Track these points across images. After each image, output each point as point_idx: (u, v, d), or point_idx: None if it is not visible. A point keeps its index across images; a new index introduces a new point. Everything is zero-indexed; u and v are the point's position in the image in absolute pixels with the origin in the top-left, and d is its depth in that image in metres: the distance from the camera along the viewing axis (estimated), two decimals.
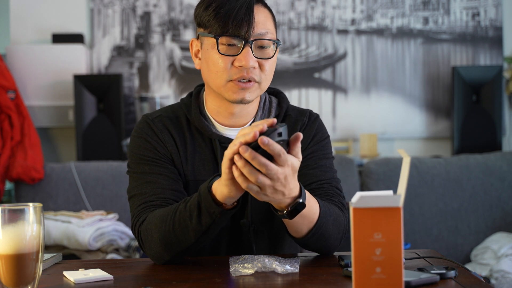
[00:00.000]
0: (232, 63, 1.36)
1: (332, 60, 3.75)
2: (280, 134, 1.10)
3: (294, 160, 1.14)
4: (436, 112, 3.75)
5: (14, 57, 3.50)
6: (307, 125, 1.50)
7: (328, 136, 1.53)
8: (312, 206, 1.27)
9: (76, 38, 3.57)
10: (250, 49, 1.35)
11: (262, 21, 1.37)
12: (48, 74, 3.53)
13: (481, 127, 3.51)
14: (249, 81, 1.37)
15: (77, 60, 3.54)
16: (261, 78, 1.39)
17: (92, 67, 3.68)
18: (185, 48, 3.72)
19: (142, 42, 3.72)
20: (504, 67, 3.72)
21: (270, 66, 1.40)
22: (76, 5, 3.70)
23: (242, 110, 1.45)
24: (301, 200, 1.20)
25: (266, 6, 1.42)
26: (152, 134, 1.45)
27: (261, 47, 1.38)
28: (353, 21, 3.75)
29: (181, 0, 3.72)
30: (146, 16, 3.72)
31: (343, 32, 3.75)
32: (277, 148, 1.09)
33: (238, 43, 1.35)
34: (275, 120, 1.12)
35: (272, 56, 1.39)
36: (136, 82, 3.70)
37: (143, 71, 3.71)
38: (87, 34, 3.70)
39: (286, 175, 1.13)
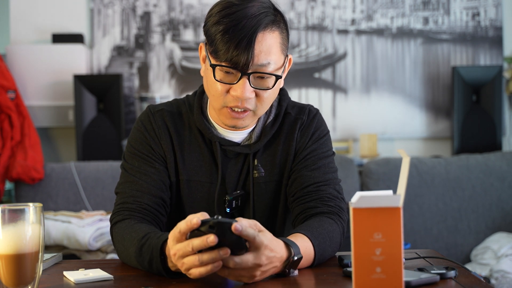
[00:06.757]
0: (228, 91, 1.32)
1: (332, 60, 3.75)
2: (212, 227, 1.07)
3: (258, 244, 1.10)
4: (436, 112, 3.75)
5: (14, 57, 3.50)
6: (305, 123, 1.47)
7: (328, 131, 1.51)
8: (305, 250, 1.23)
9: (76, 38, 3.57)
10: (247, 81, 1.30)
11: (265, 51, 1.30)
12: (48, 74, 3.53)
13: (481, 127, 3.50)
14: (244, 110, 1.34)
15: (77, 60, 3.54)
16: (257, 107, 1.35)
17: (92, 67, 3.68)
18: (185, 48, 3.72)
19: (142, 42, 3.72)
20: (504, 67, 3.71)
21: (268, 96, 1.35)
22: (76, 5, 3.70)
23: None
24: (296, 258, 1.18)
25: (278, 27, 1.33)
26: (150, 128, 1.45)
27: (261, 77, 1.32)
28: (353, 21, 3.75)
29: (181, 0, 3.72)
30: (146, 16, 3.72)
31: (343, 32, 3.75)
32: (250, 231, 1.08)
33: (236, 72, 1.30)
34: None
35: (272, 87, 1.33)
36: (136, 82, 3.70)
37: (143, 71, 3.71)
38: (87, 34, 3.70)
39: (267, 257, 1.11)
